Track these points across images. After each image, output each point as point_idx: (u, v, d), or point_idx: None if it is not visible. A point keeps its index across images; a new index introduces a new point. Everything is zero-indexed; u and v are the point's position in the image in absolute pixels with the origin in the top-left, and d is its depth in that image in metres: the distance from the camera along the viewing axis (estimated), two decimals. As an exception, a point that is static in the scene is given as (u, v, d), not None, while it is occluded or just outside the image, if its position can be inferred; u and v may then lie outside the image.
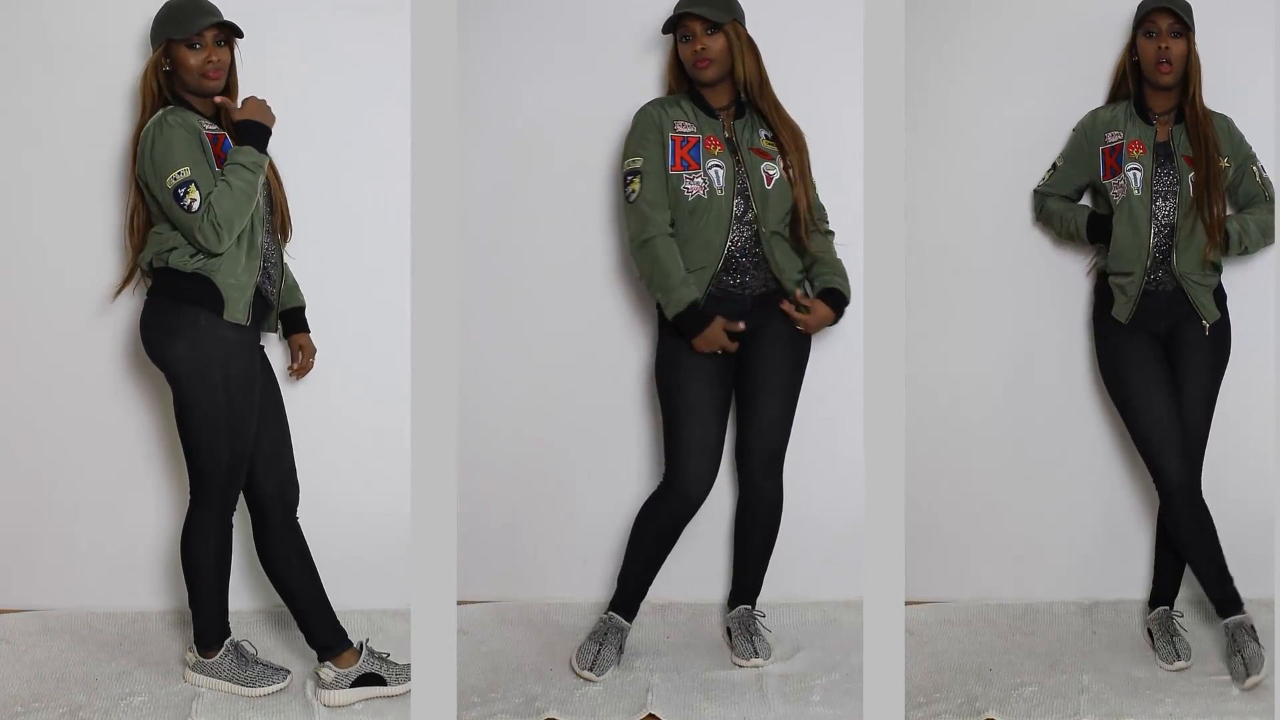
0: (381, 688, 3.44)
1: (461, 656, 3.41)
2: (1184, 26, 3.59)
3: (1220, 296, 3.70)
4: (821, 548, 3.99)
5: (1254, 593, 3.86)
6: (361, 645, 3.46)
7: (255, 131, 3.38)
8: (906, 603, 3.50)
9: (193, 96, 3.42)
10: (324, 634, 3.46)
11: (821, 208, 3.74)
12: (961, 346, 4.00)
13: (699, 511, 3.97)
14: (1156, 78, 3.64)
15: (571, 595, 3.98)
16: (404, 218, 3.54)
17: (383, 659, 3.47)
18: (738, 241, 3.59)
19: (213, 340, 3.32)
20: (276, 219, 3.53)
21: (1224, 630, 3.63)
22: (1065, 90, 3.88)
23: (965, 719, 3.39)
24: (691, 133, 3.62)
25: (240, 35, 3.43)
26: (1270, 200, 3.72)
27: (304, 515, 3.51)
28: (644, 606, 3.89)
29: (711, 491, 3.72)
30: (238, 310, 3.35)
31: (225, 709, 3.38)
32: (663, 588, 3.95)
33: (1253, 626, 3.61)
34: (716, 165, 3.60)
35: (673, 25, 3.60)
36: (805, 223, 3.62)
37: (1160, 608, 3.77)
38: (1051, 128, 3.86)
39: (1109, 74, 3.84)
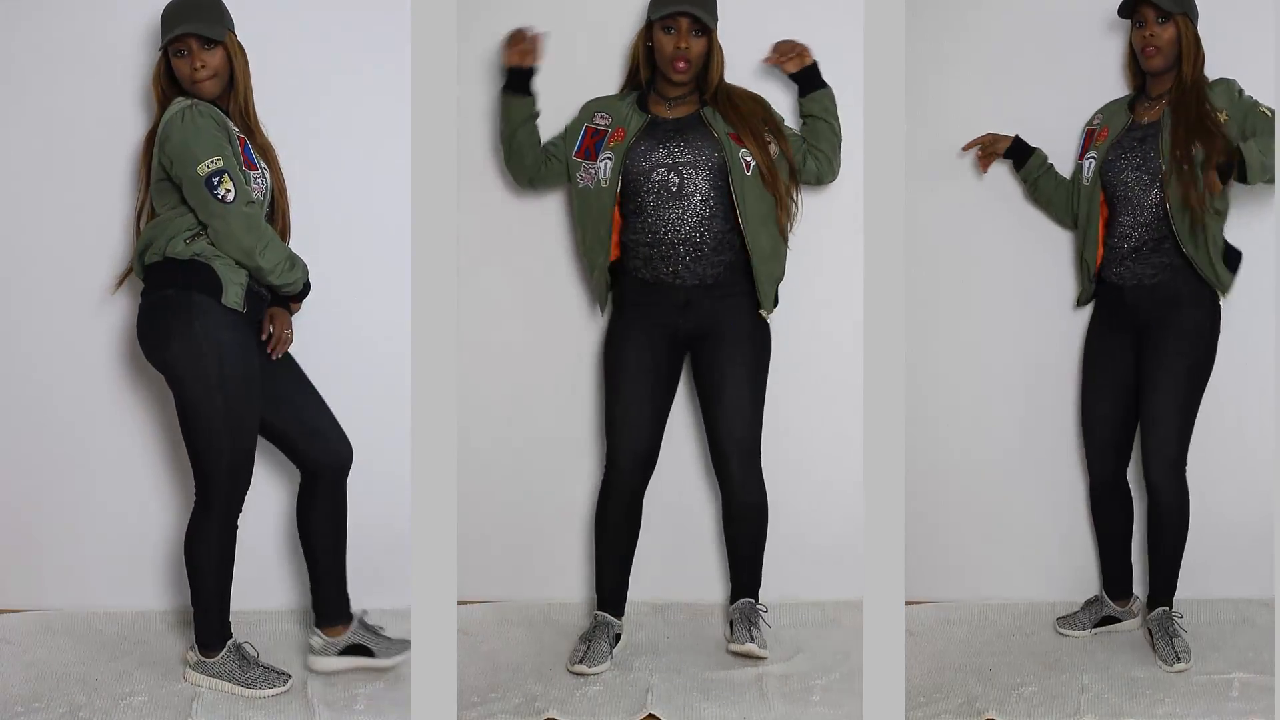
0: (369, 659, 3.48)
1: (461, 656, 3.41)
2: (1167, 13, 3.61)
3: (1233, 258, 3.67)
4: (822, 548, 3.99)
5: (1254, 593, 3.87)
6: (355, 617, 3.53)
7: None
8: (906, 603, 3.50)
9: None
10: (330, 603, 3.51)
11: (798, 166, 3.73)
12: (961, 346, 4.00)
13: (699, 513, 3.97)
14: (1145, 63, 3.68)
15: (571, 595, 3.98)
16: (403, 219, 3.54)
17: (375, 632, 3.53)
18: (677, 228, 3.58)
19: (207, 342, 3.31)
20: (279, 224, 3.53)
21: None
22: (1066, 90, 3.88)
23: (965, 719, 3.39)
24: (606, 125, 3.65)
25: (215, 42, 3.36)
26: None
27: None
28: (644, 607, 3.89)
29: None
30: (235, 296, 3.34)
31: (225, 709, 3.38)
32: (663, 588, 3.95)
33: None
34: (607, 158, 3.62)
35: (659, 15, 3.58)
36: (786, 210, 3.63)
37: (1160, 608, 3.77)
38: (1052, 127, 3.86)
39: (1108, 73, 3.85)
